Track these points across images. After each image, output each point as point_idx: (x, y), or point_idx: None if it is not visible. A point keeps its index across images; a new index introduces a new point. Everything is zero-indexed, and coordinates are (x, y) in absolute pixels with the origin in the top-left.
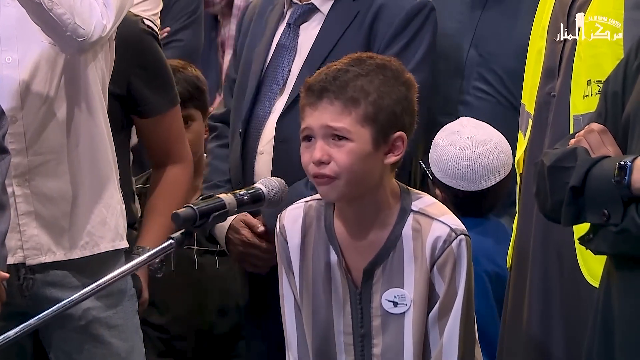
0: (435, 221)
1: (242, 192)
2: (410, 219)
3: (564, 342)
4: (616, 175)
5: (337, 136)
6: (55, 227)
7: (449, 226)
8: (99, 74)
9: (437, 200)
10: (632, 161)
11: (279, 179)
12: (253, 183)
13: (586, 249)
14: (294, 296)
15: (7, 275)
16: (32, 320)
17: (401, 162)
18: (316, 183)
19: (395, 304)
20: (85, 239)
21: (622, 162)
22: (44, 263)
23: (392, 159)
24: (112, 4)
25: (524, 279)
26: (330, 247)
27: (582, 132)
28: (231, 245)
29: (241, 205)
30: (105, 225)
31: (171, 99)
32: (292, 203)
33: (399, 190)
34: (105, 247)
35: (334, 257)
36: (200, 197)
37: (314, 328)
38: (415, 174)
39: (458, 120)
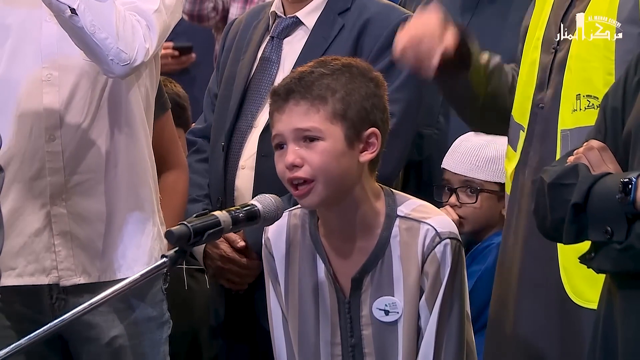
0: (422, 224)
1: (237, 210)
2: (396, 224)
3: None
4: (620, 191)
5: (309, 138)
6: (90, 248)
7: (435, 229)
8: (142, 92)
9: (424, 202)
10: (637, 177)
11: (274, 195)
12: (234, 197)
13: (588, 267)
14: (282, 309)
15: None
16: (38, 331)
17: (387, 174)
18: (294, 193)
19: (387, 313)
20: (120, 262)
21: (626, 179)
22: (78, 285)
23: (367, 156)
24: (155, 26)
25: (507, 294)
26: (317, 255)
27: (581, 149)
28: (209, 260)
29: (236, 223)
30: (140, 248)
31: (161, 104)
32: None
33: (381, 194)
34: (139, 270)
35: (321, 265)
36: (195, 215)
37: (301, 341)
38: (397, 187)
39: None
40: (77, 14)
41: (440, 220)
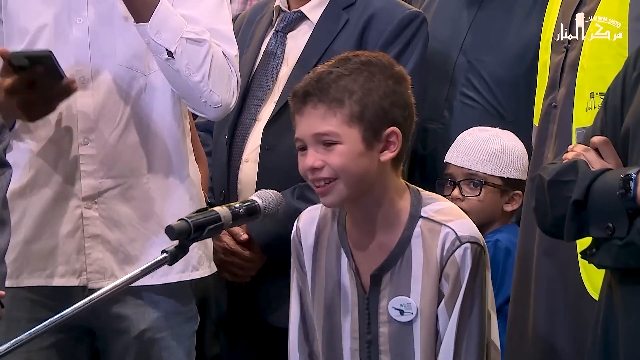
0: (443, 227)
1: (237, 205)
2: (419, 225)
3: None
4: (621, 187)
5: (327, 142)
6: (119, 252)
7: (455, 233)
8: (176, 96)
9: (449, 204)
10: (637, 173)
11: (274, 191)
12: (237, 191)
13: (589, 263)
14: (301, 307)
15: (3, 293)
16: (57, 316)
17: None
18: (317, 191)
19: (402, 312)
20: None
21: (626, 174)
22: None
23: (387, 155)
24: (237, 70)
25: (527, 291)
26: (342, 249)
27: (578, 147)
28: None
29: (236, 219)
30: None
31: None
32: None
33: (407, 191)
34: (173, 277)
35: (344, 259)
36: (195, 210)
37: (322, 331)
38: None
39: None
40: (173, 57)
41: (461, 223)
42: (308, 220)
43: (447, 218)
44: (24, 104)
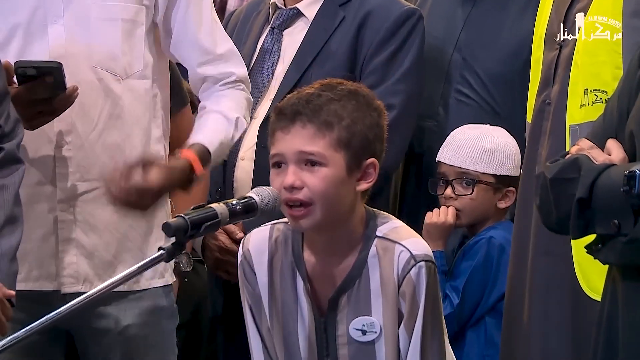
0: (397, 245)
1: (234, 202)
2: (374, 245)
3: (568, 356)
4: (625, 184)
5: (311, 162)
6: (94, 257)
7: (410, 252)
8: (157, 102)
9: (402, 224)
10: None
11: (271, 188)
12: (233, 188)
13: (594, 258)
14: (261, 337)
15: (13, 292)
16: (42, 319)
17: (388, 166)
18: (289, 212)
19: (364, 332)
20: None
21: (630, 171)
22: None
23: (363, 186)
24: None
25: (522, 288)
26: (297, 273)
27: (584, 144)
28: (208, 251)
29: (233, 215)
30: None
31: (180, 98)
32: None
33: (365, 215)
34: (143, 284)
35: (300, 283)
36: (192, 207)
37: (284, 354)
38: (397, 179)
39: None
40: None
41: (415, 242)
42: (259, 243)
43: (400, 237)
44: (26, 114)
